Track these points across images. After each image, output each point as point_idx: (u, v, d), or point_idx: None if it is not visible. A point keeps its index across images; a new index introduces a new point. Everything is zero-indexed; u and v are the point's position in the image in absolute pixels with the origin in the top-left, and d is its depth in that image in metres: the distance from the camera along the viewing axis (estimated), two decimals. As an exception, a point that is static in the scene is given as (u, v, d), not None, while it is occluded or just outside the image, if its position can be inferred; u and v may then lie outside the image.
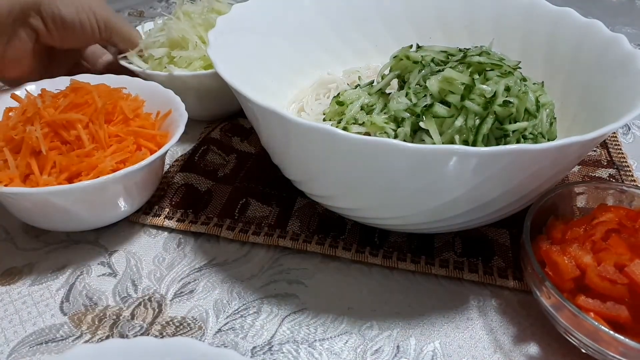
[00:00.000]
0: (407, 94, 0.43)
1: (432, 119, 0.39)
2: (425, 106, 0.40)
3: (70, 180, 0.41)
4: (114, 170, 0.41)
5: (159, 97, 0.50)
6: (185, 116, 0.46)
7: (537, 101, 0.42)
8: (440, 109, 0.39)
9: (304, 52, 0.56)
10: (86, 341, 0.37)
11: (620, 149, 0.58)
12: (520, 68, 0.44)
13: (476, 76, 0.41)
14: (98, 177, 0.40)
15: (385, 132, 0.42)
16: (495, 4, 0.56)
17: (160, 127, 0.48)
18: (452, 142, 0.40)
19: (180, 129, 0.45)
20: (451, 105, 0.39)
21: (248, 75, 0.46)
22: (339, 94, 0.48)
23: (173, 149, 0.57)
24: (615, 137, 0.60)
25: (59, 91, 0.47)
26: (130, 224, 0.47)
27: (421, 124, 0.39)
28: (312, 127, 0.34)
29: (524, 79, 0.43)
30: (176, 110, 0.48)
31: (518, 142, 0.40)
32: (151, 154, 0.43)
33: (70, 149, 0.42)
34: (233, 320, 0.39)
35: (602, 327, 0.32)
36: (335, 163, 0.36)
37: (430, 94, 0.41)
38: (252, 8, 0.52)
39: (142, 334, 0.38)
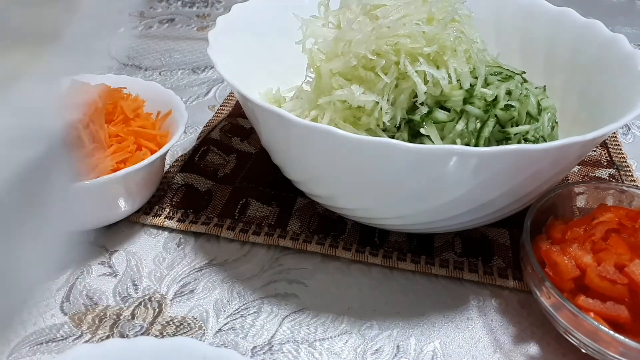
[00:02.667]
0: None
1: (433, 124, 0.39)
2: (425, 113, 0.40)
3: None
4: (114, 171, 0.41)
5: (159, 97, 0.50)
6: (185, 116, 0.46)
7: (539, 105, 0.42)
8: (440, 114, 0.39)
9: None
10: (86, 341, 0.37)
11: (620, 149, 0.58)
12: (525, 73, 0.44)
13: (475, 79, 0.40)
14: (98, 177, 0.40)
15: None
16: (495, 4, 0.56)
17: (161, 127, 0.48)
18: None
19: (181, 129, 0.45)
20: (451, 109, 0.39)
21: (248, 75, 0.46)
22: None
23: (173, 149, 0.57)
24: (615, 137, 0.60)
25: None
26: (130, 224, 0.47)
27: (422, 131, 0.39)
28: (312, 127, 0.34)
29: (525, 81, 0.43)
30: (176, 110, 0.48)
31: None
32: (151, 154, 0.43)
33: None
34: (233, 320, 0.39)
35: (602, 327, 0.32)
36: (335, 163, 0.36)
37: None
38: (252, 8, 0.52)
39: (142, 334, 0.38)
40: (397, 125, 0.41)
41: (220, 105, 0.65)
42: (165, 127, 0.48)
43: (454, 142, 0.39)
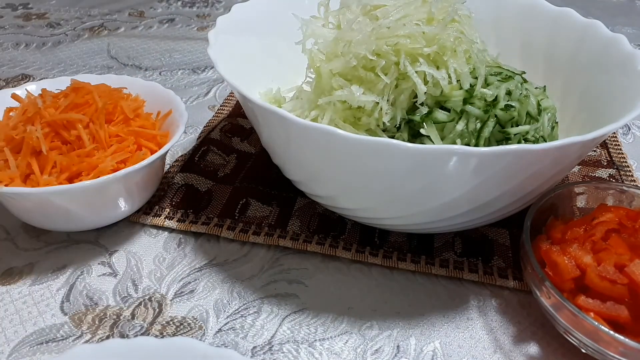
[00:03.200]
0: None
1: (433, 124, 0.39)
2: (425, 113, 0.40)
3: (70, 180, 0.41)
4: (114, 170, 0.41)
5: (159, 97, 0.50)
6: (185, 116, 0.46)
7: (539, 105, 0.42)
8: (440, 114, 0.39)
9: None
10: (86, 341, 0.37)
11: (620, 149, 0.58)
12: (525, 73, 0.44)
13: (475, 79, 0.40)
14: (98, 177, 0.40)
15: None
16: (495, 4, 0.56)
17: (161, 127, 0.48)
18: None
19: (181, 129, 0.45)
20: (451, 110, 0.39)
21: (248, 75, 0.46)
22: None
23: (173, 149, 0.57)
24: (615, 137, 0.60)
25: (59, 91, 0.47)
26: (130, 224, 0.47)
27: (422, 131, 0.39)
28: (312, 127, 0.34)
29: (525, 81, 0.43)
30: (176, 110, 0.48)
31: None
32: (152, 154, 0.43)
33: (71, 148, 0.42)
34: (233, 320, 0.39)
35: (602, 327, 0.32)
36: (336, 163, 0.36)
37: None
38: (252, 8, 0.52)
39: (142, 334, 0.38)
40: (397, 125, 0.41)
41: (220, 105, 0.65)
42: (165, 127, 0.48)
43: (454, 142, 0.39)
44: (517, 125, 0.40)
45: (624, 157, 0.57)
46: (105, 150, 0.42)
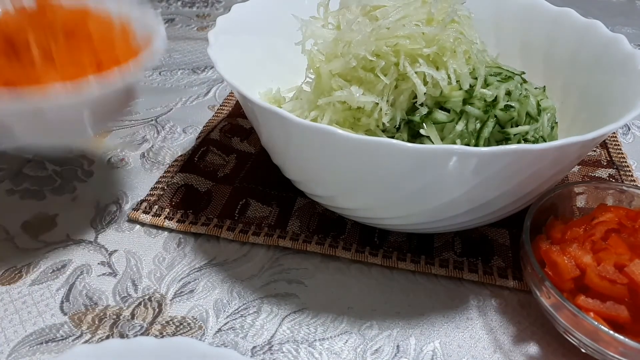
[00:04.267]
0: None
1: (432, 125, 0.39)
2: (425, 114, 0.40)
3: None
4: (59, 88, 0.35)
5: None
6: (159, 53, 0.42)
7: (539, 105, 0.42)
8: (440, 115, 0.39)
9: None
10: (86, 341, 0.37)
11: (620, 149, 0.58)
12: (524, 73, 0.44)
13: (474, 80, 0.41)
14: (41, 92, 0.34)
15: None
16: (495, 4, 0.56)
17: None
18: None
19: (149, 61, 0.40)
20: (450, 110, 0.40)
21: (248, 75, 0.46)
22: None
23: (173, 150, 0.57)
24: (615, 137, 0.60)
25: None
26: (130, 224, 0.47)
27: (422, 131, 0.39)
28: (312, 127, 0.34)
29: (525, 81, 0.43)
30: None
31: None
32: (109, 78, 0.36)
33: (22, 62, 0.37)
34: (233, 320, 0.39)
35: (602, 327, 0.32)
36: (335, 163, 0.37)
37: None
38: (252, 8, 0.52)
39: (142, 334, 0.38)
40: (397, 126, 0.41)
41: (220, 105, 0.65)
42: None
43: (454, 143, 0.39)
44: (517, 126, 0.40)
45: (624, 157, 0.57)
46: (55, 65, 0.37)
